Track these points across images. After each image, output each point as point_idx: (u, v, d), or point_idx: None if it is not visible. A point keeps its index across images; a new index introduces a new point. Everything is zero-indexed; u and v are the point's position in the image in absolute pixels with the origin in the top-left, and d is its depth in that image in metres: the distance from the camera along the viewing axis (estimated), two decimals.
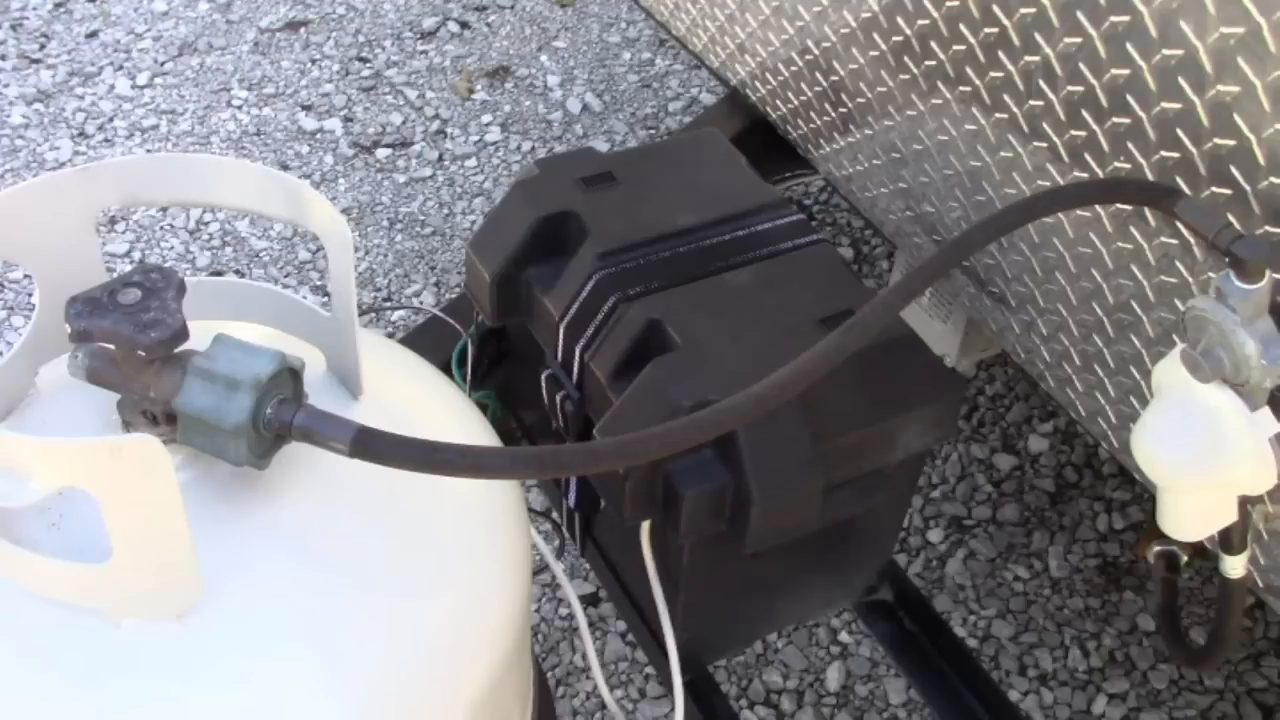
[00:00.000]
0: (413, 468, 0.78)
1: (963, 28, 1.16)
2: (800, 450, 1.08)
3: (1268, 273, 0.89)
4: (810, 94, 1.49)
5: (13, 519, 0.80)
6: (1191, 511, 1.01)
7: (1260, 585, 1.14)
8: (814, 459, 1.08)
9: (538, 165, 1.32)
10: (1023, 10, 1.08)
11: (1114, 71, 1.02)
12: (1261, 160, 0.92)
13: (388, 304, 2.40)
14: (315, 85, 2.87)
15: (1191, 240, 1.03)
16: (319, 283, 2.41)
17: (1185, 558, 1.31)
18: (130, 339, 0.77)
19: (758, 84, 1.61)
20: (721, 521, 1.10)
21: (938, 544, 2.02)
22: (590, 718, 1.80)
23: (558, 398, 1.24)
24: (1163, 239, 1.06)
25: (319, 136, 2.74)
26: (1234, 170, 0.95)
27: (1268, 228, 0.95)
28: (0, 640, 0.79)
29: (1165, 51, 0.96)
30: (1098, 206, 1.11)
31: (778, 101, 1.58)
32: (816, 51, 1.42)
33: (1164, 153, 1.01)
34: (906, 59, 1.27)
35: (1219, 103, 0.93)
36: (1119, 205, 1.08)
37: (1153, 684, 1.85)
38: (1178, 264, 1.06)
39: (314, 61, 2.94)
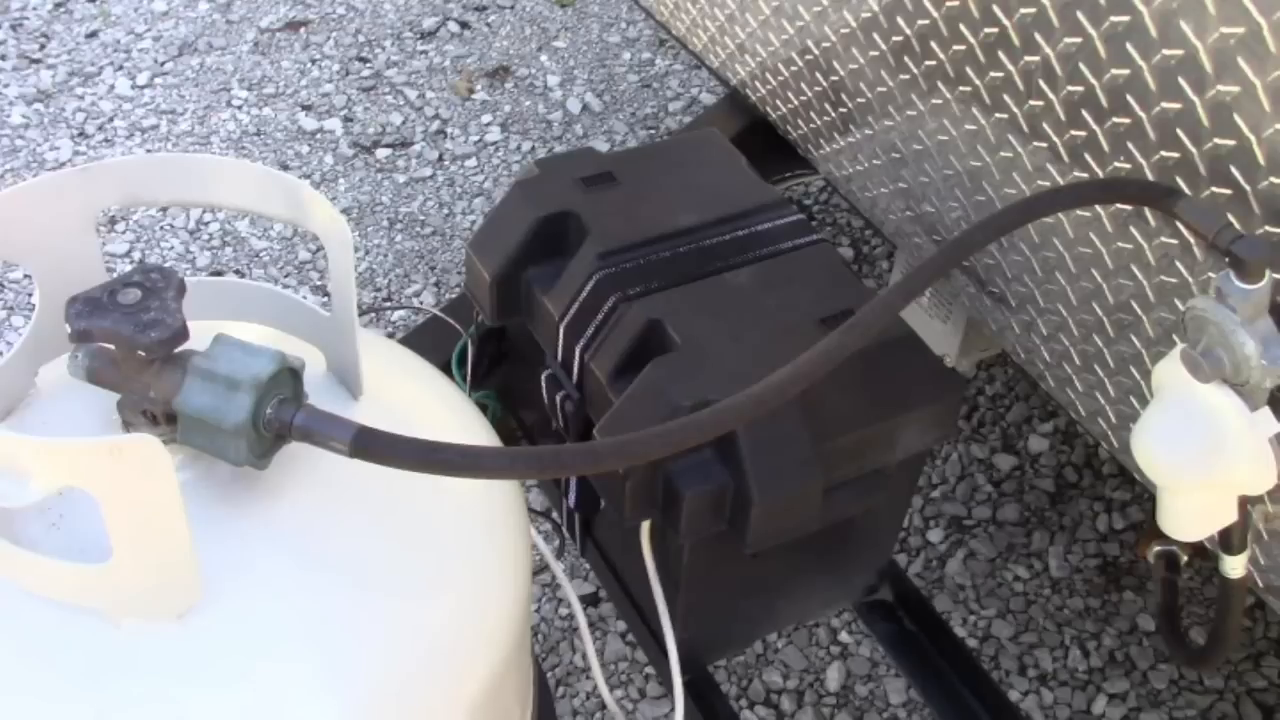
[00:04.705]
0: (413, 468, 0.78)
1: (963, 28, 1.16)
2: (800, 450, 1.08)
3: (1268, 273, 0.89)
4: (810, 94, 1.49)
5: (13, 519, 0.80)
6: (1191, 511, 1.01)
7: (1260, 585, 1.14)
8: (814, 459, 1.08)
9: (538, 165, 1.32)
10: (1023, 10, 1.08)
11: (1114, 71, 1.02)
12: (1261, 160, 0.92)
13: (388, 304, 2.40)
14: (315, 85, 2.87)
15: (1191, 240, 1.03)
16: (319, 283, 2.41)
17: (1185, 558, 1.31)
18: (130, 339, 0.77)
19: (758, 84, 1.61)
20: (721, 521, 1.10)
21: (938, 544, 2.02)
22: (590, 718, 1.80)
23: (558, 398, 1.24)
24: (1163, 239, 1.06)
25: (319, 136, 2.74)
26: (1234, 170, 0.95)
27: (1268, 228, 0.95)
28: (0, 640, 0.79)
29: (1165, 51, 0.96)
30: (1098, 206, 1.11)
31: (778, 101, 1.58)
32: (816, 51, 1.42)
33: (1164, 153, 1.01)
34: (906, 59, 1.27)
35: (1219, 103, 0.93)
36: (1119, 205, 1.08)
37: (1153, 684, 1.85)
38: (1178, 264, 1.06)
39: (314, 61, 2.94)
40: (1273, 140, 0.91)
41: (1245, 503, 1.01)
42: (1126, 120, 1.03)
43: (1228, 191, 0.96)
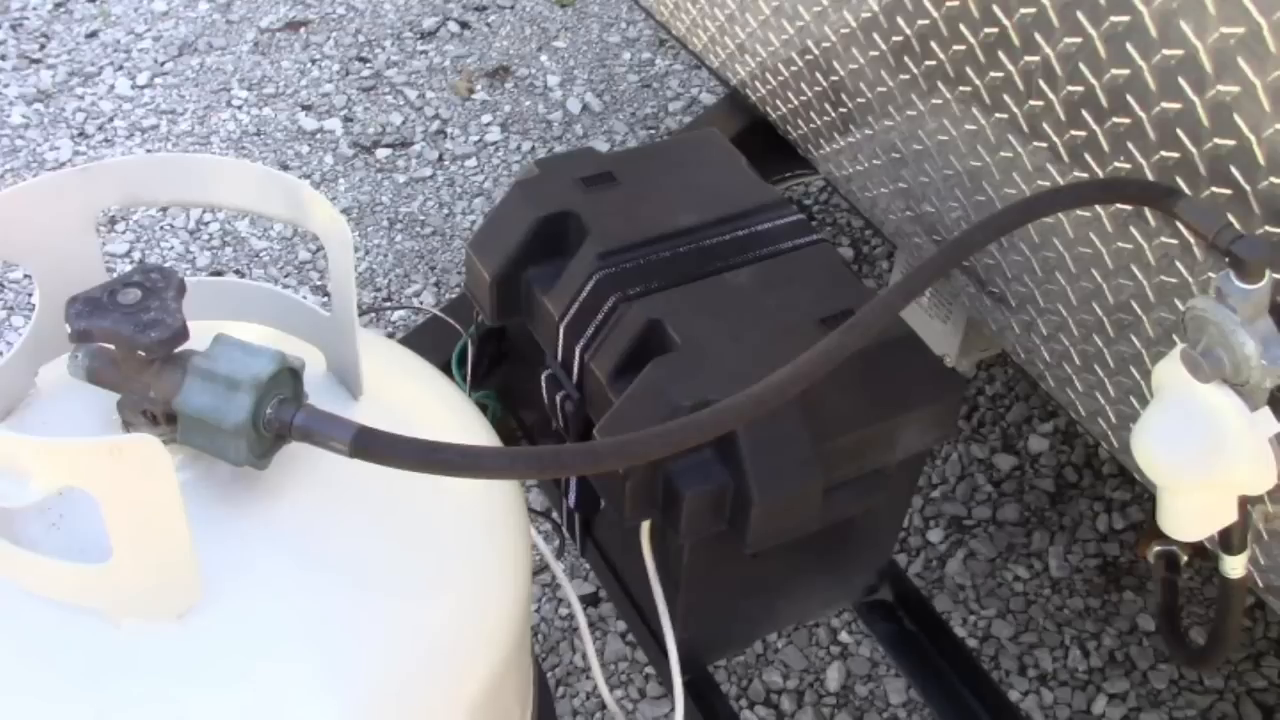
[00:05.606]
0: (413, 468, 0.78)
1: (963, 28, 1.16)
2: (800, 450, 1.08)
3: (1268, 273, 0.89)
4: (810, 94, 1.49)
5: (13, 519, 0.80)
6: (1191, 511, 1.01)
7: (1260, 585, 1.14)
8: (814, 459, 1.08)
9: (538, 165, 1.32)
10: (1023, 10, 1.08)
11: (1114, 71, 1.02)
12: (1261, 160, 0.92)
13: (388, 304, 2.40)
14: (315, 85, 2.87)
15: (1191, 240, 1.03)
16: (319, 283, 2.41)
17: (1185, 558, 1.31)
18: (130, 339, 0.77)
19: (758, 84, 1.61)
20: (721, 521, 1.10)
21: (938, 544, 2.02)
22: (590, 718, 1.80)
23: (558, 398, 1.24)
24: (1163, 239, 1.06)
25: (319, 136, 2.74)
26: (1234, 170, 0.95)
27: (1268, 228, 0.95)
28: (0, 640, 0.79)
29: (1165, 51, 0.96)
30: (1098, 206, 1.11)
31: (778, 101, 1.58)
32: (816, 51, 1.42)
33: (1164, 153, 1.01)
34: (906, 59, 1.27)
35: (1219, 103, 0.93)
36: (1119, 205, 1.08)
37: (1153, 684, 1.85)
38: (1178, 264, 1.06)
39: (314, 61, 2.94)
40: (1273, 140, 0.91)
41: (1245, 503, 1.01)
42: (1126, 120, 1.03)
43: (1228, 191, 0.96)
